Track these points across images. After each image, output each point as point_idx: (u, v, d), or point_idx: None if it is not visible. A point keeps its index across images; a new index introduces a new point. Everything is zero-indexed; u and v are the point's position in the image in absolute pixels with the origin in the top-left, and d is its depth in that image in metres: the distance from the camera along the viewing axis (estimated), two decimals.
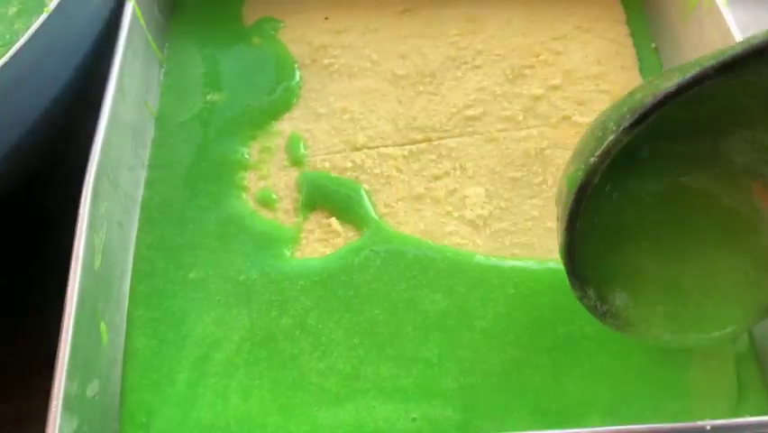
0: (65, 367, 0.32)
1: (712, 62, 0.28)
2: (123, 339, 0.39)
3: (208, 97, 0.49)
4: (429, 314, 0.39)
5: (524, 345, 0.38)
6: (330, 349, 0.38)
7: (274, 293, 0.40)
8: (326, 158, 0.46)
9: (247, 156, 0.46)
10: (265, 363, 0.38)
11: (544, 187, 0.44)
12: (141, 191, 0.45)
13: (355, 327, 0.39)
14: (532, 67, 0.50)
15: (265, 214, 0.44)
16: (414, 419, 0.36)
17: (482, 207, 0.43)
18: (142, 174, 0.45)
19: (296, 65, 0.51)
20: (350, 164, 0.45)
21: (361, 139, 0.47)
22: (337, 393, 0.37)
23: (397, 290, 0.40)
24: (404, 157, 0.46)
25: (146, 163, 0.46)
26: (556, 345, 0.38)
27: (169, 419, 0.36)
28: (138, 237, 0.43)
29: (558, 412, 0.36)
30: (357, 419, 0.36)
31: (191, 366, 0.38)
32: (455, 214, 0.43)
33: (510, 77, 0.49)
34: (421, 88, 0.49)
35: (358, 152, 0.46)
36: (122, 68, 0.43)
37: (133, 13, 0.47)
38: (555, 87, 0.49)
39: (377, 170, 0.45)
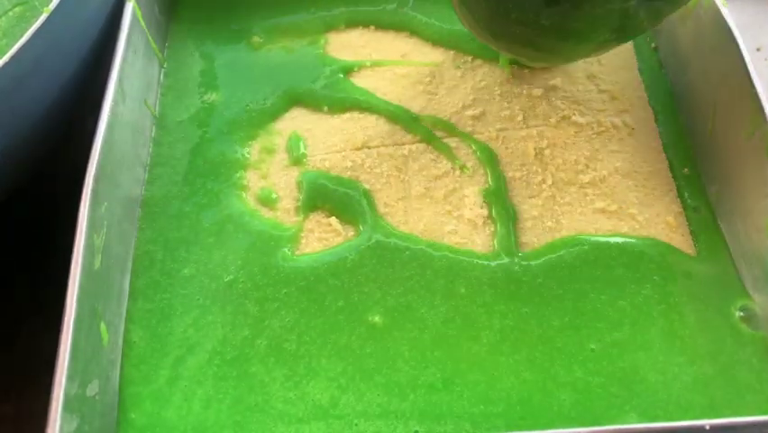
0: (65, 367, 0.32)
1: None
2: (122, 337, 0.39)
3: (208, 97, 0.49)
4: (428, 323, 0.39)
5: (537, 363, 0.37)
6: (306, 380, 0.37)
7: (254, 303, 0.40)
8: (326, 157, 0.46)
9: (247, 155, 0.46)
10: (232, 381, 0.37)
11: (544, 186, 0.44)
12: (141, 190, 0.45)
13: (340, 352, 0.38)
14: (531, 67, 0.50)
15: (265, 213, 0.44)
16: (416, 432, 0.36)
17: (482, 207, 0.43)
18: (142, 173, 0.45)
19: (296, 64, 0.51)
20: (350, 163, 0.45)
21: (360, 138, 0.47)
22: (301, 417, 0.36)
23: (393, 294, 0.40)
24: (404, 156, 0.46)
25: (146, 163, 0.46)
26: (572, 363, 0.37)
27: (148, 415, 0.36)
28: (138, 234, 0.43)
29: None
30: None
31: (171, 364, 0.38)
32: (455, 213, 0.43)
33: (510, 76, 0.49)
34: (421, 88, 0.49)
35: (358, 152, 0.46)
36: (122, 68, 0.43)
37: (133, 14, 0.47)
38: (555, 87, 0.49)
39: (377, 170, 0.45)
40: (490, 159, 0.45)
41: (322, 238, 0.42)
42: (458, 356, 0.37)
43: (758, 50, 0.56)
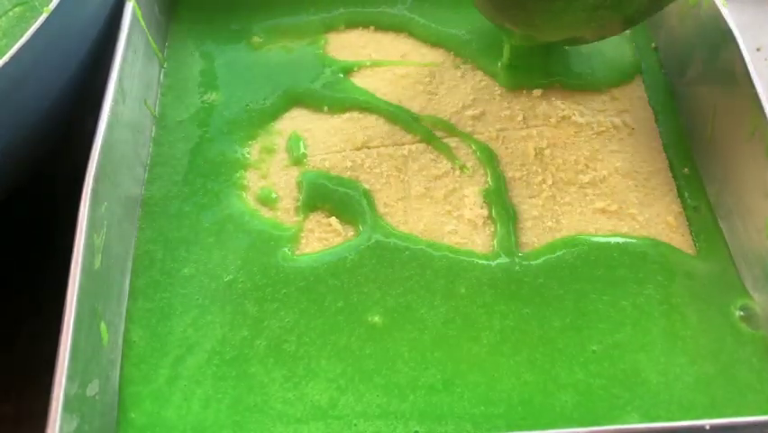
0: (65, 367, 0.32)
1: None
2: (122, 337, 0.39)
3: (208, 97, 0.49)
4: (428, 323, 0.39)
5: (538, 365, 0.37)
6: (305, 381, 0.37)
7: (254, 304, 0.40)
8: (326, 157, 0.46)
9: (247, 155, 0.46)
10: (231, 381, 0.37)
11: (544, 186, 0.44)
12: (141, 190, 0.45)
13: (339, 353, 0.38)
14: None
15: (265, 213, 0.44)
16: (417, 432, 0.36)
17: (482, 207, 0.43)
18: (142, 173, 0.45)
19: (296, 64, 0.51)
20: (350, 164, 0.45)
21: (360, 138, 0.47)
22: (300, 418, 0.36)
23: (393, 294, 0.40)
24: (403, 157, 0.46)
25: (146, 162, 0.46)
26: (573, 365, 0.37)
27: (148, 414, 0.36)
28: (138, 233, 0.43)
29: None
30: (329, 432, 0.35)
31: (171, 364, 0.38)
32: (455, 213, 0.43)
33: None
34: (421, 88, 0.49)
35: (358, 152, 0.46)
36: (122, 68, 0.43)
37: (133, 14, 0.47)
38: (555, 88, 0.49)
39: (377, 170, 0.45)
40: (490, 159, 0.45)
41: (322, 238, 0.42)
42: (458, 357, 0.37)
43: (758, 50, 0.56)
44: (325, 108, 0.48)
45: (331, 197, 0.44)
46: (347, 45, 0.52)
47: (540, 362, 0.37)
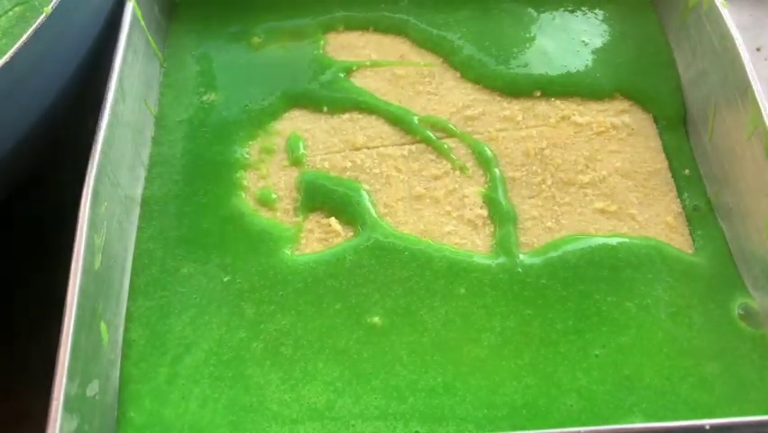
0: (65, 367, 0.32)
1: None
2: (122, 336, 0.39)
3: (207, 97, 0.49)
4: (427, 325, 0.38)
5: (540, 368, 0.37)
6: (302, 383, 0.37)
7: (251, 305, 0.40)
8: (326, 157, 0.46)
9: (246, 156, 0.46)
10: (228, 381, 0.37)
11: (544, 187, 0.44)
12: (141, 190, 0.45)
13: (337, 356, 0.38)
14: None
15: (265, 213, 0.44)
16: (417, 432, 0.36)
17: (481, 207, 0.43)
18: (142, 173, 0.45)
19: (295, 64, 0.51)
20: (349, 164, 0.45)
21: (360, 139, 0.47)
22: (296, 418, 0.36)
23: (392, 295, 0.39)
24: (403, 157, 0.46)
25: (146, 162, 0.46)
26: (576, 370, 0.37)
27: (147, 413, 0.37)
28: (138, 233, 0.43)
29: None
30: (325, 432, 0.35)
31: (170, 362, 0.38)
32: (454, 214, 0.43)
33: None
34: (420, 88, 0.49)
35: (357, 152, 0.46)
36: (122, 68, 0.43)
37: (133, 13, 0.47)
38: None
39: (376, 170, 0.45)
40: (490, 159, 0.45)
41: (321, 239, 0.42)
42: (458, 360, 0.37)
43: (758, 50, 0.56)
44: (325, 108, 0.48)
45: (330, 197, 0.44)
46: (346, 45, 0.52)
47: (542, 365, 0.37)
